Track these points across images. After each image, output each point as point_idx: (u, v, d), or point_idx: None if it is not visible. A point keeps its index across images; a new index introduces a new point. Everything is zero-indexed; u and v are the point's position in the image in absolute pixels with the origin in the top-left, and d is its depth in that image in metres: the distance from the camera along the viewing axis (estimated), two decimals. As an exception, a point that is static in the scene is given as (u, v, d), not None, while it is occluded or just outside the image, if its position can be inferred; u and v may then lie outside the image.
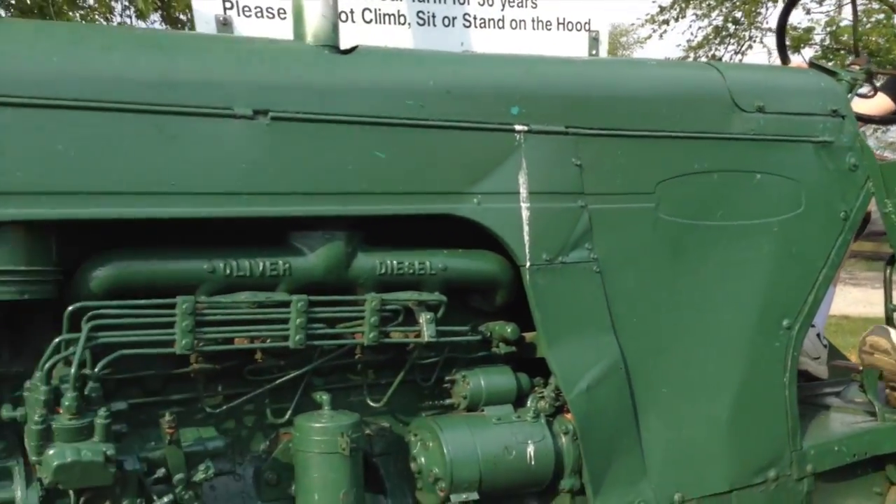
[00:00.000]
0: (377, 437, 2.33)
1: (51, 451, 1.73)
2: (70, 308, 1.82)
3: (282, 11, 2.94)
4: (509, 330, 2.40)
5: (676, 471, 2.49)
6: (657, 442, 2.46)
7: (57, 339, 1.80)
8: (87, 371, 1.82)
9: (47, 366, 1.79)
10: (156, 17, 10.16)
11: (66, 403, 1.76)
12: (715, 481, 2.55)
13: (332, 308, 2.12)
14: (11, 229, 1.73)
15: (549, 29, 3.43)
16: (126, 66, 1.82)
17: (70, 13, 9.34)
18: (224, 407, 2.14)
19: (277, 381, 2.16)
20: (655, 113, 2.56)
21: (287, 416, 2.18)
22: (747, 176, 2.75)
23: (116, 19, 10.31)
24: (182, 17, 10.05)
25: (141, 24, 9.46)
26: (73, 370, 1.78)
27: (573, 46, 3.45)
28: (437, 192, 2.21)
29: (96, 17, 9.86)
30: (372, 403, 2.31)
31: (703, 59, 15.04)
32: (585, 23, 3.46)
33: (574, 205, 2.41)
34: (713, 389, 2.61)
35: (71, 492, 1.78)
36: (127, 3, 10.24)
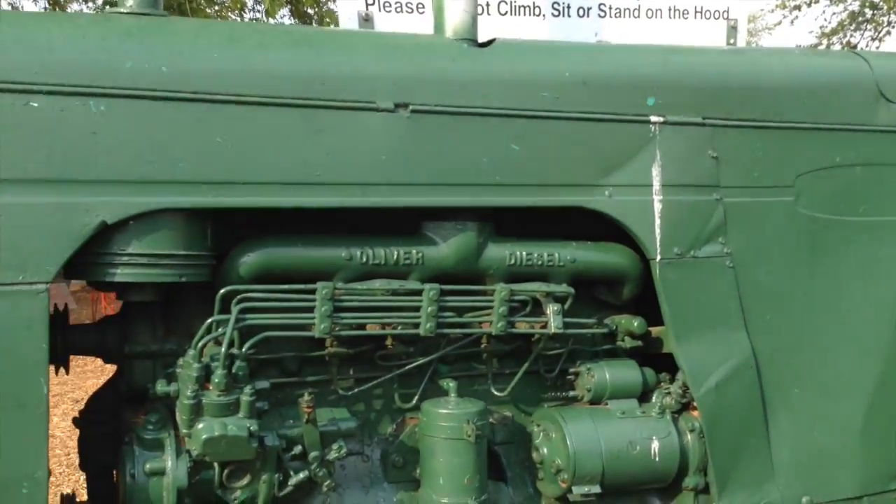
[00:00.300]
0: (499, 426, 2.36)
1: (200, 425, 1.84)
2: (222, 291, 1.91)
3: (420, 6, 2.98)
4: (636, 324, 2.38)
5: (805, 473, 2.42)
6: (786, 443, 2.40)
7: (209, 320, 1.90)
8: (234, 350, 1.91)
9: (200, 344, 1.89)
10: (284, 11, 10.40)
11: (216, 380, 1.86)
12: (845, 485, 2.47)
13: (463, 297, 2.16)
14: (172, 216, 1.84)
15: (686, 18, 3.33)
16: (279, 62, 1.90)
17: (207, 10, 9.69)
18: (355, 390, 2.22)
19: (406, 367, 2.22)
20: (797, 104, 2.46)
21: (414, 402, 2.25)
22: (892, 170, 2.62)
23: (248, 15, 10.62)
24: (310, 10, 10.25)
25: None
26: (223, 349, 1.88)
27: (711, 35, 3.35)
28: (569, 185, 2.21)
29: (228, 14, 10.18)
30: (496, 392, 2.34)
31: (837, 47, 14.30)
32: (724, 11, 3.35)
33: (709, 198, 2.35)
34: (847, 391, 2.52)
35: (216, 464, 1.89)
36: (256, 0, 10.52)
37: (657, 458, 2.26)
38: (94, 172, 1.72)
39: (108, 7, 1.91)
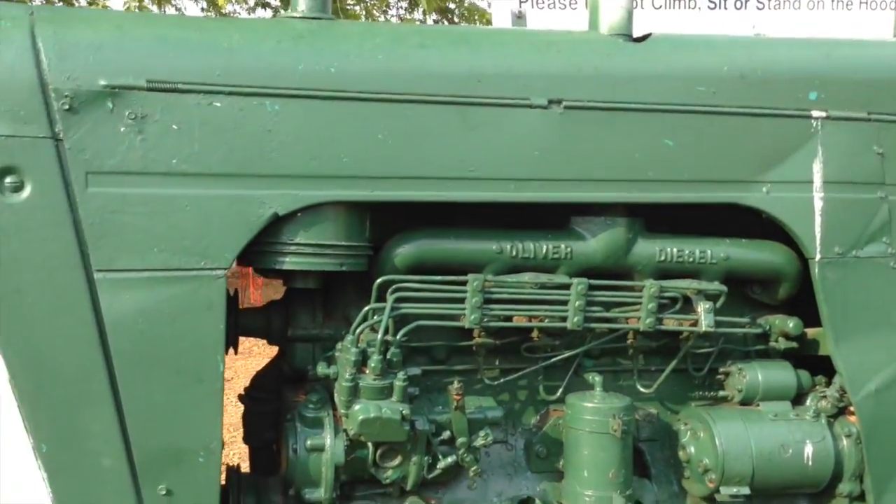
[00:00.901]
0: (644, 423, 2.35)
1: (357, 407, 1.94)
2: (378, 281, 2.01)
3: (573, 2, 2.99)
4: (791, 325, 2.31)
5: None
6: None
7: (366, 308, 2.00)
8: (389, 338, 2.01)
9: (357, 331, 2.00)
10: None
11: (372, 365, 1.96)
12: None
13: (611, 293, 2.16)
14: (335, 208, 1.94)
15: (850, 8, 3.17)
16: (438, 62, 1.97)
17: (355, 8, 9.97)
18: (501, 380, 2.27)
19: (552, 360, 2.24)
20: None
21: (558, 394, 2.27)
22: None
23: (392, 12, 10.83)
24: (452, 5, 10.34)
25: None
26: (378, 336, 1.97)
27: (877, 26, 3.17)
28: (725, 181, 2.17)
29: (374, 12, 10.41)
30: (642, 389, 2.34)
31: None
32: (891, 1, 3.17)
33: (873, 196, 2.25)
34: None
35: (370, 444, 1.99)
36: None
37: (810, 463, 2.19)
38: (269, 167, 1.85)
39: (280, 12, 2.03)
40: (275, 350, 2.39)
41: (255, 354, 7.33)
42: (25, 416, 1.71)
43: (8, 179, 1.68)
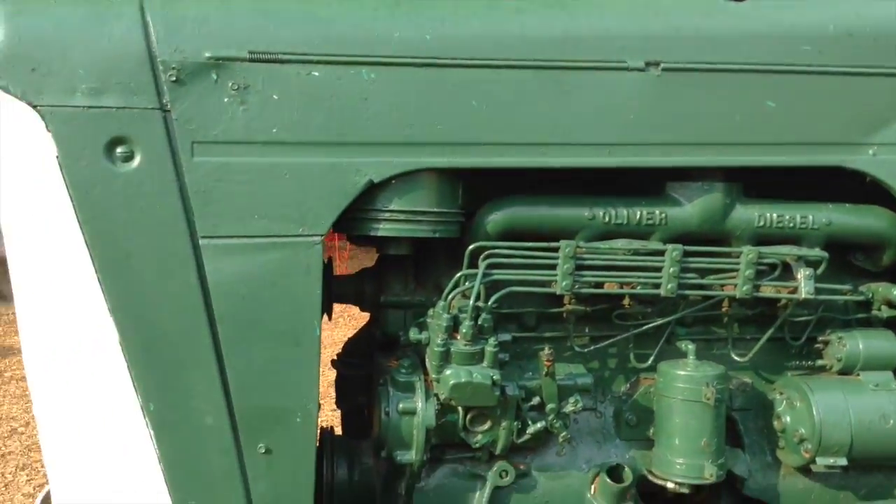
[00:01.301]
0: (738, 392, 2.31)
1: (448, 371, 1.96)
2: (471, 247, 2.01)
3: None
4: (895, 292, 2.23)
5: None
6: None
7: (458, 274, 2.01)
8: (480, 304, 2.02)
9: (449, 297, 2.01)
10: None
11: (464, 331, 1.97)
12: None
13: (707, 259, 2.12)
14: (429, 175, 1.95)
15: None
16: (534, 26, 1.93)
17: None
18: (591, 347, 2.26)
19: (643, 328, 2.22)
20: None
21: (649, 362, 2.25)
22: None
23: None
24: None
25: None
26: (470, 302, 1.98)
27: None
28: (828, 143, 2.09)
29: None
30: (736, 357, 2.29)
31: None
32: None
33: None
34: None
35: (460, 408, 2.01)
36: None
37: None
38: (364, 135, 1.86)
39: None
40: (360, 320, 2.42)
41: (341, 325, 7.49)
42: (134, 376, 1.78)
43: (119, 149, 1.74)
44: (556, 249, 2.04)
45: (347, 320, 7.35)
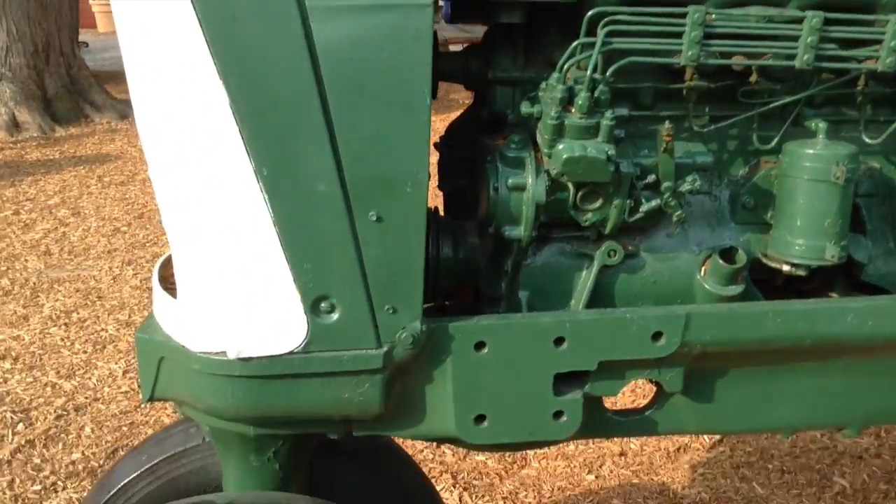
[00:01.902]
0: (864, 177, 2.18)
1: (561, 146, 1.89)
2: (589, 13, 1.87)
3: None
4: None
5: None
6: None
7: (575, 43, 1.89)
8: (597, 76, 1.90)
9: (565, 67, 1.90)
10: None
11: (579, 103, 1.88)
12: None
13: (850, 28, 1.93)
14: None
15: None
16: None
17: None
18: (711, 127, 2.13)
19: (769, 106, 2.08)
20: None
21: (773, 143, 2.12)
22: None
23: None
24: None
25: None
26: (588, 72, 1.87)
27: None
28: None
29: None
30: (867, 140, 2.14)
31: None
32: None
33: None
34: None
35: (570, 184, 1.95)
36: None
37: None
38: None
39: None
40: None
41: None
42: (246, 140, 1.76)
43: None
44: (683, 16, 1.88)
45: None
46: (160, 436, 2.64)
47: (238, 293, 1.86)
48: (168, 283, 2.07)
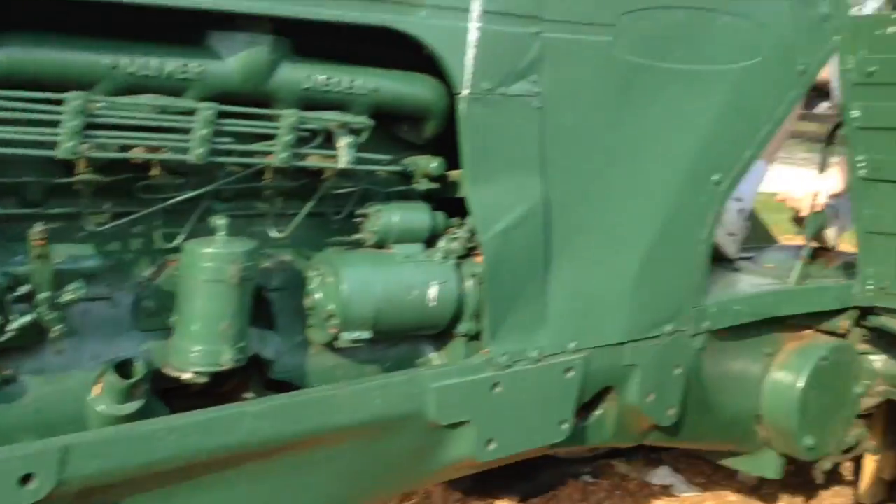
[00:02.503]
0: (276, 271, 2.14)
1: None
2: None
3: None
4: (434, 165, 2.21)
5: (576, 320, 2.40)
6: (563, 290, 2.36)
7: None
8: None
9: None
10: None
11: None
12: (612, 332, 2.49)
13: (244, 121, 1.87)
14: None
15: None
16: None
17: None
18: (109, 225, 1.91)
19: (172, 201, 1.93)
20: None
21: (178, 241, 1.96)
22: (712, 16, 2.50)
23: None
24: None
25: None
26: None
27: None
28: (382, 0, 1.92)
29: None
30: (276, 234, 2.12)
31: None
32: None
33: (527, 30, 2.14)
34: (629, 240, 2.50)
35: None
36: None
37: (432, 304, 2.16)
38: None
39: None
40: None
41: None
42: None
43: None
44: (60, 102, 1.65)
45: None
46: None
47: None
48: None
